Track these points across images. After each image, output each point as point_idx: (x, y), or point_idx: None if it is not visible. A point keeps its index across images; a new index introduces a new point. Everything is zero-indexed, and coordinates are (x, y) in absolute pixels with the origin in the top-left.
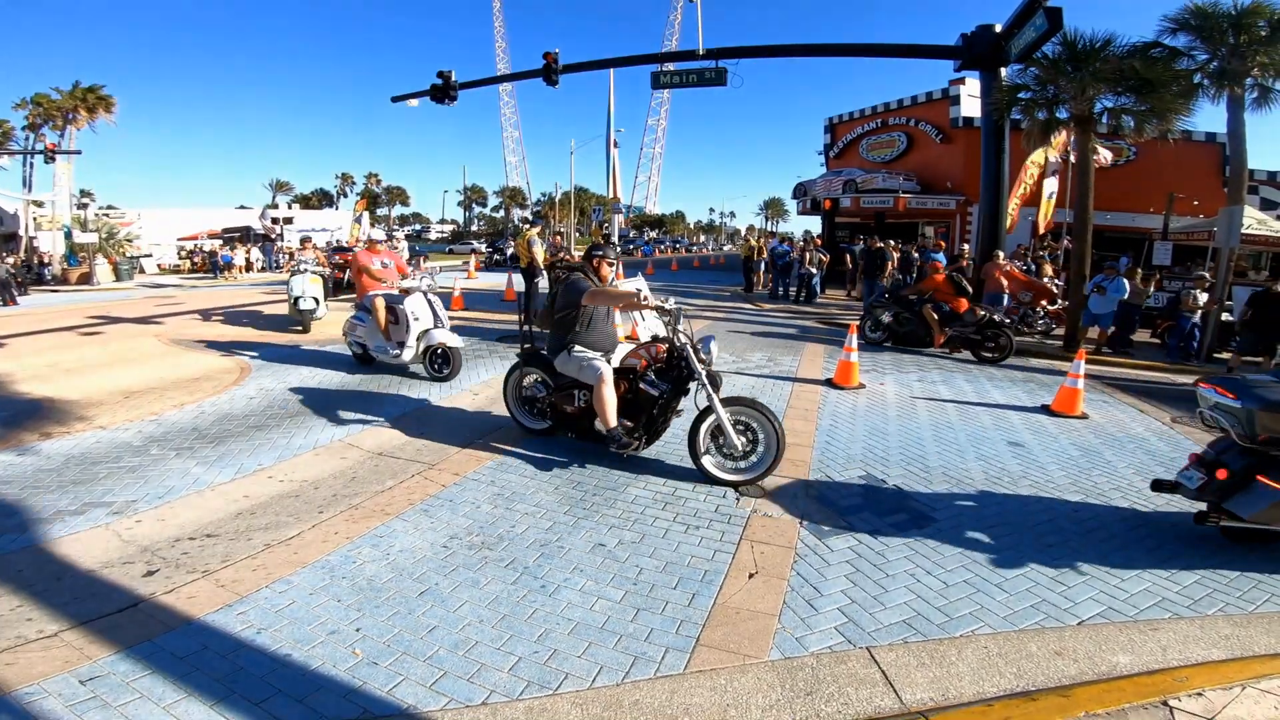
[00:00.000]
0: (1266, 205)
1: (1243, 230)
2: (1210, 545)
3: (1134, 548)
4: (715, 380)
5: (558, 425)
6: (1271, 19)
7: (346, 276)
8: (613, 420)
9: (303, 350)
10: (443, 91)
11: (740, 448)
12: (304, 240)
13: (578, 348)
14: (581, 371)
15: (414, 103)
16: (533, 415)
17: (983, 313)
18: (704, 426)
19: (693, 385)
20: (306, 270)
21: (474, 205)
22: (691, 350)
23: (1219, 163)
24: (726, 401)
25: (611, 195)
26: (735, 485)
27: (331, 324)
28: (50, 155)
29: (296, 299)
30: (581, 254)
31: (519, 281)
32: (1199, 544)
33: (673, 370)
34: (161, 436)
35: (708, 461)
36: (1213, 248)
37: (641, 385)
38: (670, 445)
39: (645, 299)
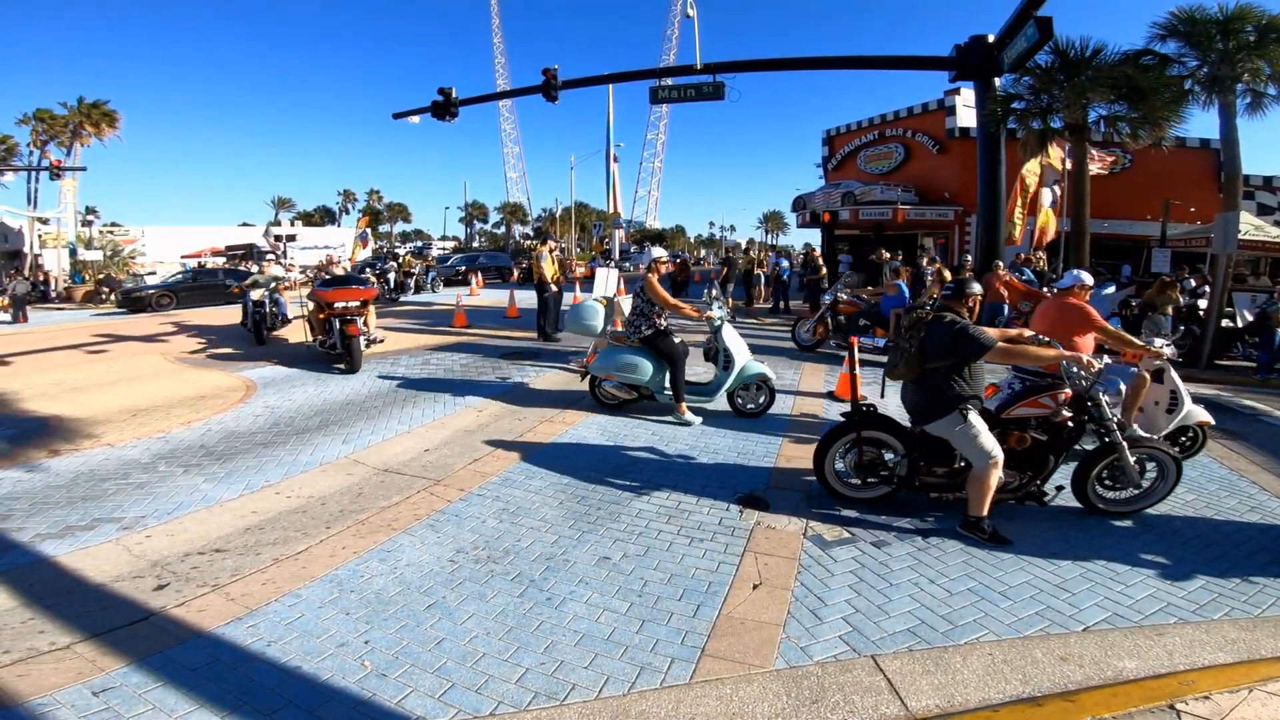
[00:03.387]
0: (1262, 210)
1: (1239, 235)
2: (1214, 550)
3: (1138, 554)
4: (1123, 425)
5: (906, 489)
6: (1259, 23)
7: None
8: (986, 508)
9: (307, 369)
10: (443, 108)
11: (1141, 483)
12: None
13: (973, 414)
14: (971, 447)
15: (415, 119)
16: (864, 485)
17: None
18: (1100, 466)
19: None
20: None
21: (475, 221)
22: (1101, 395)
23: (1214, 169)
24: (1129, 442)
25: (612, 210)
26: (1120, 514)
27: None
28: (55, 172)
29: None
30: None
31: (521, 298)
32: (1204, 549)
33: (1078, 416)
34: (169, 454)
35: (1098, 497)
36: (1210, 254)
37: (1032, 435)
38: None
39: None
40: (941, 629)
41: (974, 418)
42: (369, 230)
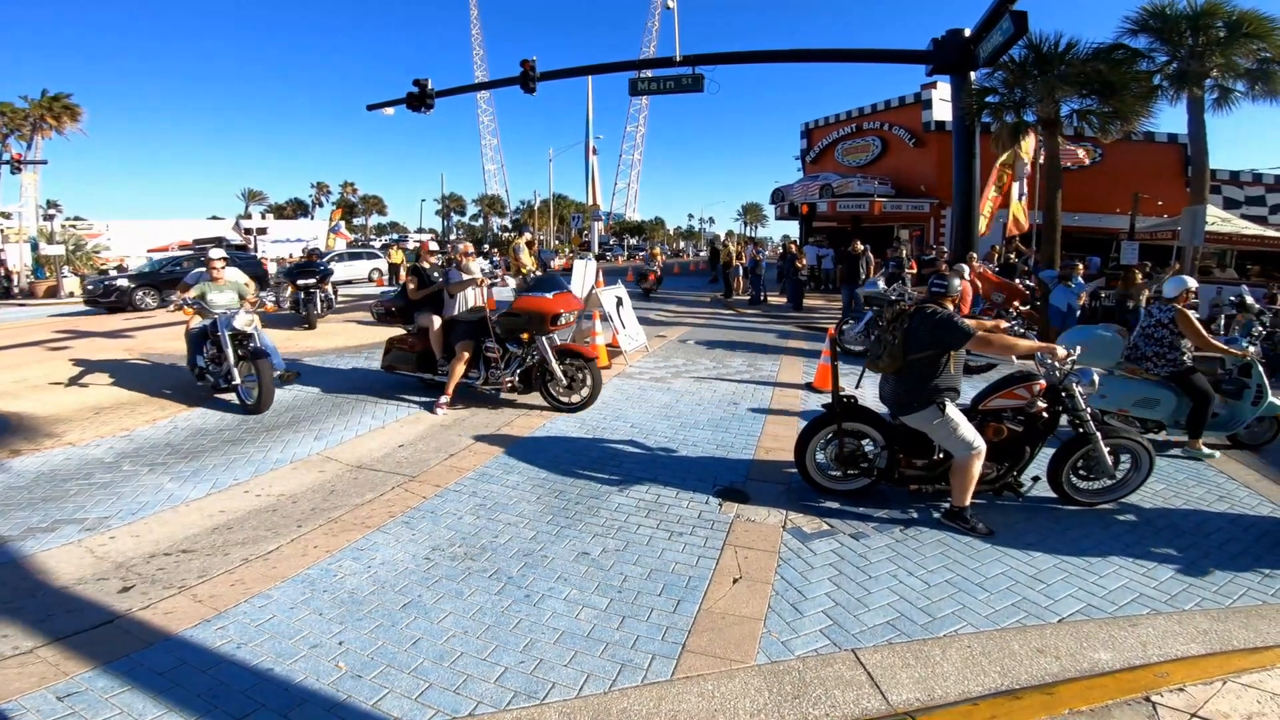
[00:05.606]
0: (1229, 204)
1: (1206, 229)
2: (1185, 540)
3: (1111, 544)
4: (1096, 415)
5: (886, 481)
6: (1229, 19)
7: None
8: (969, 498)
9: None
10: (419, 99)
11: (1115, 474)
12: None
13: (951, 406)
14: (951, 439)
15: (390, 111)
16: (844, 476)
17: None
18: (1074, 456)
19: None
20: None
21: (452, 214)
22: (1075, 386)
23: (1181, 163)
24: (1103, 433)
25: (591, 202)
26: (1093, 505)
27: (318, 335)
28: (16, 165)
29: None
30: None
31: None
32: (1175, 539)
33: (1053, 407)
34: (133, 452)
35: (1072, 488)
36: (1177, 246)
37: (1008, 426)
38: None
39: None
40: (920, 621)
41: (952, 410)
42: (342, 223)
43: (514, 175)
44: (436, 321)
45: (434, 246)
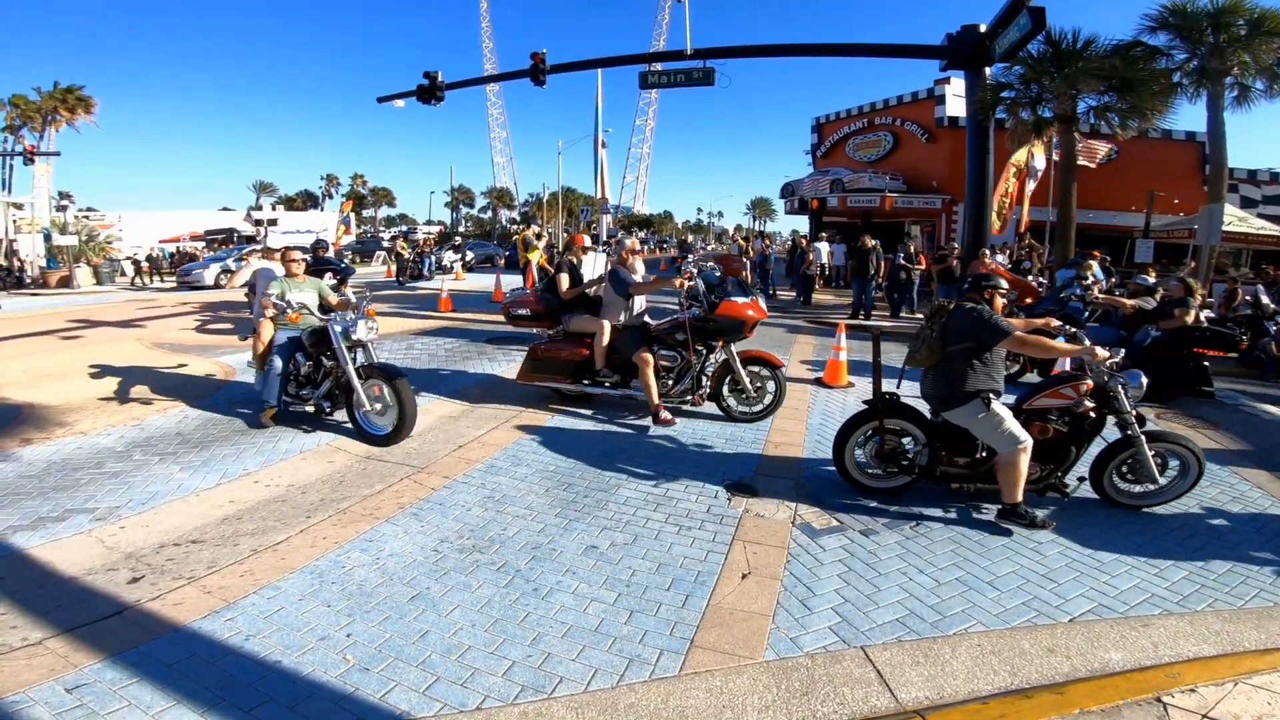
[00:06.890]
0: (1246, 203)
1: (1223, 228)
2: (1197, 540)
3: (1123, 543)
4: (1141, 417)
5: (927, 479)
6: (1250, 17)
7: None
8: (1020, 494)
9: None
10: (429, 92)
11: (1159, 479)
12: None
13: (996, 402)
14: (995, 435)
15: (400, 103)
16: (884, 474)
17: None
18: (1117, 459)
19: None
20: None
21: (461, 206)
22: (1121, 387)
23: (1199, 161)
24: (1150, 436)
25: (599, 195)
26: (1136, 508)
27: None
28: (29, 157)
29: None
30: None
31: (508, 283)
32: (1187, 540)
33: (1100, 407)
34: (144, 441)
35: (1114, 489)
36: (1193, 245)
37: (1054, 426)
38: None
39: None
40: (930, 619)
41: (997, 406)
42: (352, 215)
43: (523, 168)
44: (608, 328)
45: (588, 241)
